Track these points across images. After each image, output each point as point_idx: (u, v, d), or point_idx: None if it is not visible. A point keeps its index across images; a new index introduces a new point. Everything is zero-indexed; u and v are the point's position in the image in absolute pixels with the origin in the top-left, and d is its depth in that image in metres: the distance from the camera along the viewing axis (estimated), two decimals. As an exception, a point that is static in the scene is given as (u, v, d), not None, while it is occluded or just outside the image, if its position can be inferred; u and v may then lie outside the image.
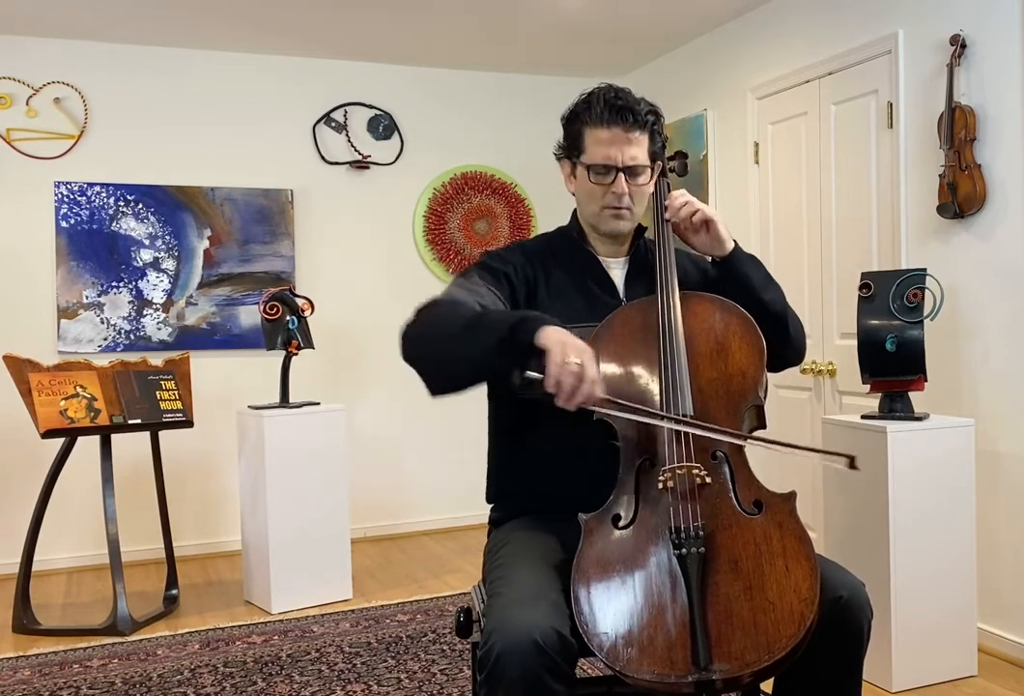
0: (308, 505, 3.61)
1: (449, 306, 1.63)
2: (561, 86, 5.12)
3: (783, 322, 1.78)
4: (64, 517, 4.22)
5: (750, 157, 4.12)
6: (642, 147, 1.74)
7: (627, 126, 1.71)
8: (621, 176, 1.73)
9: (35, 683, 2.91)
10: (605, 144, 1.72)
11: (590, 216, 1.82)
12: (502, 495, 1.87)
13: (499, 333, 1.48)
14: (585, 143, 1.75)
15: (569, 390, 1.40)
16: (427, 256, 4.91)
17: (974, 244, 3.04)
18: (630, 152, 1.72)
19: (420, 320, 1.63)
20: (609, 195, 1.75)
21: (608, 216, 1.78)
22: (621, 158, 1.72)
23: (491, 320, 1.53)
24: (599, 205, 1.78)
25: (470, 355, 1.52)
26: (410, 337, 1.63)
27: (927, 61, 3.18)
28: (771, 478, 3.94)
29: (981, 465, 2.96)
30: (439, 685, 2.82)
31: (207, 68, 4.52)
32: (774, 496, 1.53)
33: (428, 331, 1.61)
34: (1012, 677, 2.80)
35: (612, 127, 1.71)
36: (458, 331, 1.54)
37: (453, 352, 1.55)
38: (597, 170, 1.74)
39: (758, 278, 1.79)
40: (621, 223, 1.79)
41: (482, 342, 1.50)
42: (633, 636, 1.40)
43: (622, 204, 1.76)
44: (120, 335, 4.36)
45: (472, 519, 4.84)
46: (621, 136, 1.71)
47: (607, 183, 1.74)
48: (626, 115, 1.71)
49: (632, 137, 1.72)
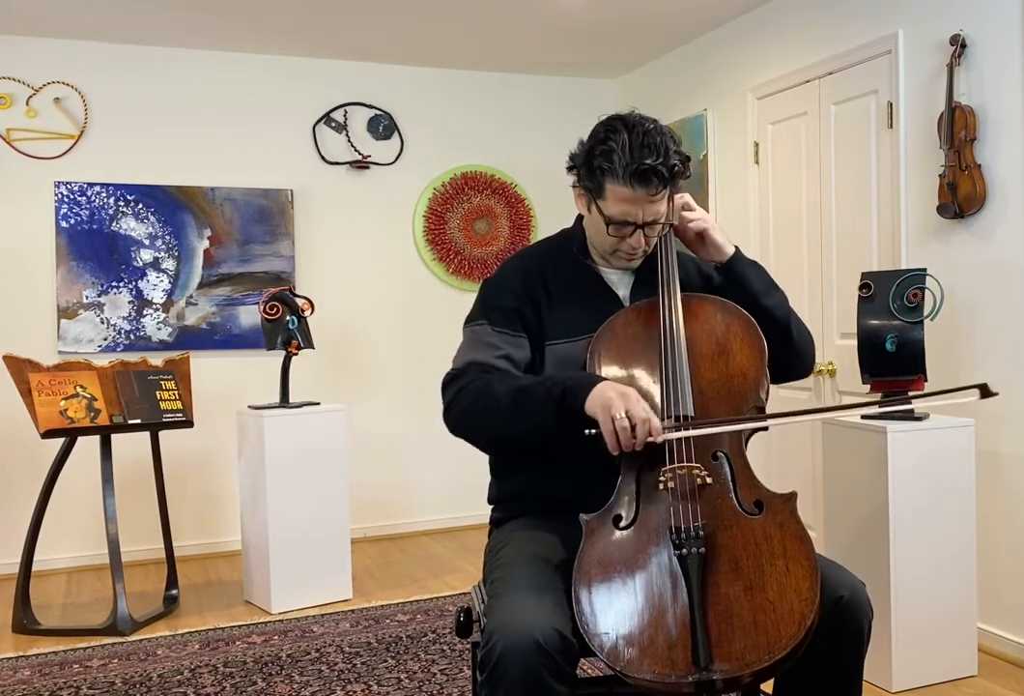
0: (308, 505, 3.61)
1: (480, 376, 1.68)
2: (561, 86, 5.13)
3: (785, 328, 1.77)
4: (64, 517, 4.22)
5: (750, 157, 4.12)
6: (664, 200, 1.67)
7: (652, 189, 1.63)
8: (639, 232, 1.70)
9: (35, 683, 2.91)
10: (627, 202, 1.65)
11: (600, 250, 1.80)
12: (504, 496, 1.86)
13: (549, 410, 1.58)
14: (605, 193, 1.67)
15: (627, 444, 1.51)
16: (427, 256, 4.91)
17: (974, 244, 3.04)
18: (651, 210, 1.66)
19: (460, 398, 1.68)
20: (624, 244, 1.73)
21: (620, 257, 1.78)
22: (642, 216, 1.67)
23: (536, 396, 1.60)
24: (612, 247, 1.76)
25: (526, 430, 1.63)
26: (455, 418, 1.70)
27: (927, 61, 3.18)
28: (771, 478, 3.93)
29: (981, 465, 2.96)
30: (439, 685, 2.82)
31: (207, 68, 4.52)
32: (775, 496, 1.53)
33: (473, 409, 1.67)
34: (1012, 677, 2.80)
35: (636, 189, 1.63)
36: (506, 412, 1.62)
37: (509, 430, 1.65)
38: (615, 223, 1.69)
39: (759, 284, 1.78)
40: (633, 262, 1.80)
41: (536, 418, 1.60)
42: (634, 636, 1.40)
43: (636, 253, 1.76)
44: (120, 335, 4.36)
45: (472, 519, 4.84)
46: (644, 198, 1.64)
47: (624, 235, 1.71)
48: (651, 179, 1.61)
49: (655, 199, 1.65)
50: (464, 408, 1.68)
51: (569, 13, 4.08)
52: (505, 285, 1.81)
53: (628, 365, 1.66)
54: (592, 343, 1.69)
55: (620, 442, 1.50)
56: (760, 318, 1.72)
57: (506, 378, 1.68)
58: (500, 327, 1.76)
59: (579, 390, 1.56)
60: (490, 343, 1.74)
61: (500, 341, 1.74)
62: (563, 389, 1.58)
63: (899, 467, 2.70)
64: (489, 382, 1.67)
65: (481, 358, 1.72)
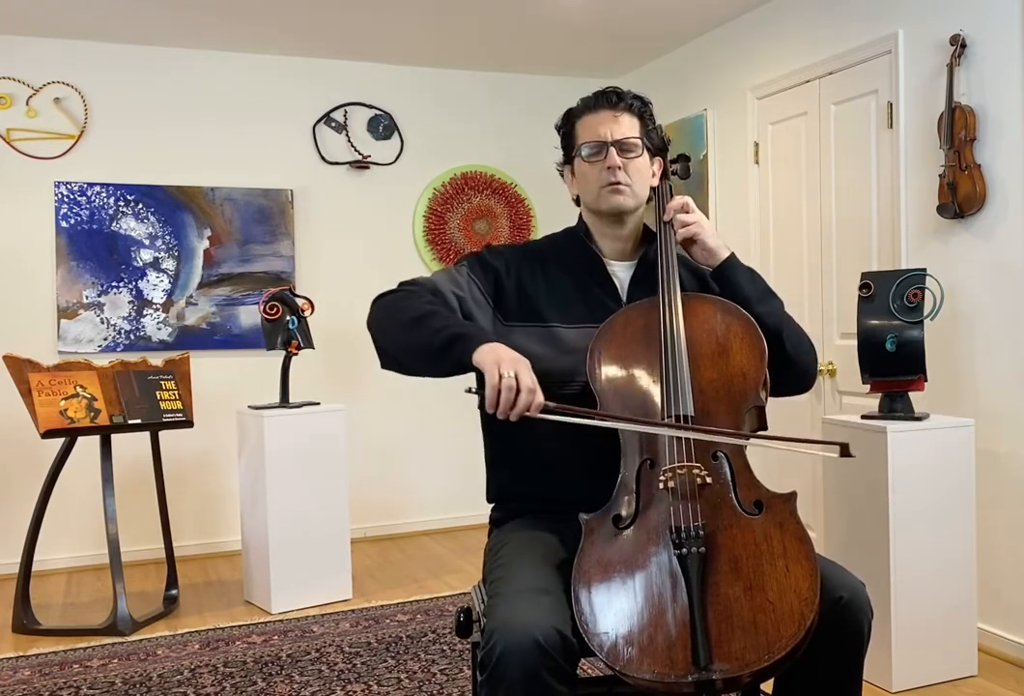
0: (308, 505, 3.61)
1: (419, 291, 1.70)
2: (561, 86, 5.13)
3: (778, 337, 1.72)
4: (64, 517, 4.22)
5: (750, 157, 4.12)
6: (632, 127, 1.78)
7: (613, 106, 1.78)
8: (612, 150, 1.76)
9: (35, 683, 2.91)
10: (594, 125, 1.78)
11: (591, 201, 1.82)
12: (503, 495, 1.87)
13: (436, 340, 1.56)
14: (578, 135, 1.81)
15: (506, 405, 1.47)
16: (427, 256, 4.91)
17: (974, 244, 3.04)
18: (619, 129, 1.77)
19: (393, 294, 1.71)
20: (604, 172, 1.76)
21: (607, 193, 1.78)
22: (610, 134, 1.77)
23: (434, 324, 1.58)
24: (597, 185, 1.78)
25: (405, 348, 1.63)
26: (375, 307, 1.72)
27: (927, 61, 3.18)
28: (771, 478, 3.93)
29: (981, 465, 2.96)
30: (439, 685, 2.82)
31: (207, 68, 4.52)
32: (774, 496, 1.53)
33: (390, 308, 1.69)
34: (1012, 677, 2.80)
35: (599, 110, 1.78)
36: (407, 321, 1.62)
37: (394, 339, 1.66)
38: (589, 149, 1.78)
39: (752, 290, 1.76)
40: (620, 198, 1.78)
41: (418, 342, 1.59)
42: (633, 636, 1.40)
43: (618, 179, 1.76)
44: (120, 335, 4.36)
45: (472, 519, 4.84)
46: (608, 116, 1.78)
47: (600, 159, 1.76)
48: (611, 97, 1.79)
49: (619, 116, 1.78)
50: (380, 306, 1.71)
51: (569, 13, 4.08)
52: (501, 254, 1.85)
53: (628, 364, 1.66)
54: (592, 342, 1.69)
55: (499, 402, 1.46)
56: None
57: (433, 301, 1.67)
58: (477, 279, 1.79)
59: (471, 341, 1.53)
60: (456, 280, 1.77)
61: (466, 285, 1.77)
62: (457, 334, 1.55)
63: (899, 467, 2.70)
64: (416, 294, 1.69)
65: (438, 282, 1.75)
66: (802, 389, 1.81)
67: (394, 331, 1.65)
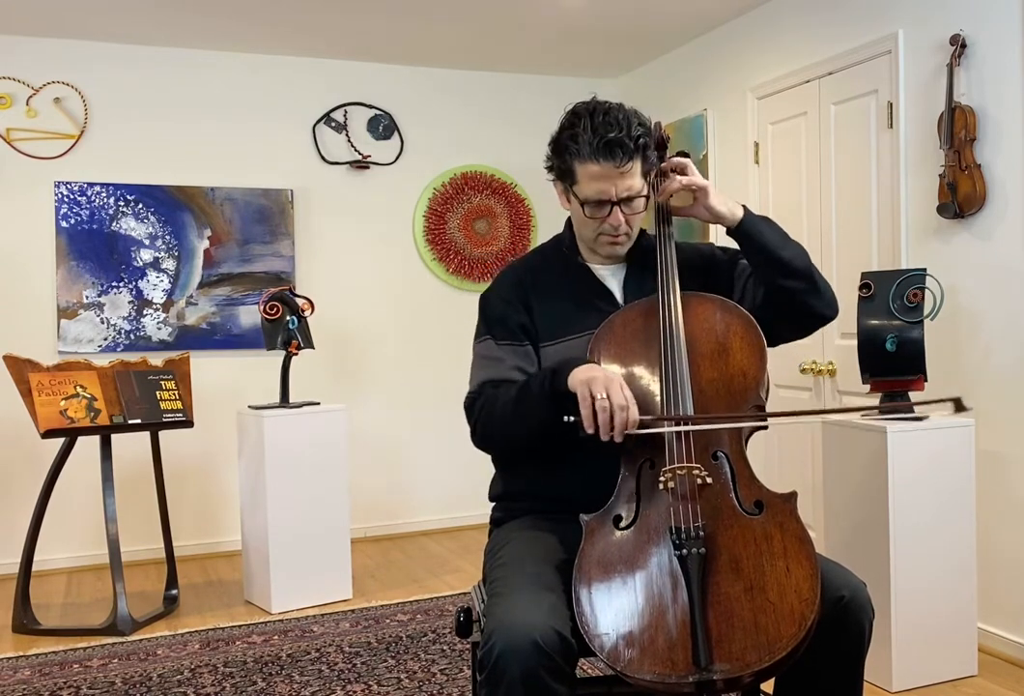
0: (308, 505, 3.61)
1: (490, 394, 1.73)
2: (561, 86, 5.13)
3: (810, 276, 1.76)
4: (64, 517, 4.22)
5: (750, 157, 4.12)
6: (635, 174, 1.69)
7: (618, 161, 1.66)
8: (616, 209, 1.71)
9: (35, 683, 2.91)
10: (598, 179, 1.68)
11: (587, 240, 1.82)
12: (504, 495, 1.87)
13: (544, 397, 1.60)
14: (577, 176, 1.71)
15: (604, 424, 1.50)
16: (427, 256, 4.91)
17: (974, 244, 3.04)
18: (624, 184, 1.68)
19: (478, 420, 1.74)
20: (605, 225, 1.74)
21: (605, 243, 1.79)
22: (615, 192, 1.69)
23: (533, 390, 1.64)
24: (595, 233, 1.78)
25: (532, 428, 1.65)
26: (480, 438, 1.76)
27: (927, 61, 3.18)
28: (771, 478, 3.92)
29: (981, 465, 2.96)
30: (439, 685, 2.82)
31: (207, 68, 4.52)
32: (775, 496, 1.53)
33: (490, 427, 1.73)
34: (1012, 677, 2.80)
35: (603, 163, 1.66)
36: (511, 414, 1.67)
37: (518, 435, 1.69)
38: (591, 205, 1.72)
39: (774, 238, 1.75)
40: (618, 248, 1.80)
41: (538, 411, 1.62)
42: (634, 636, 1.40)
43: (619, 233, 1.76)
44: (120, 335, 4.36)
45: (472, 519, 4.84)
46: (613, 171, 1.67)
47: (602, 216, 1.73)
48: (615, 151, 1.65)
49: (624, 170, 1.67)
50: (485, 426, 1.74)
51: (569, 13, 4.08)
52: (500, 297, 1.84)
53: (628, 364, 1.66)
54: (592, 342, 1.69)
55: (597, 423, 1.50)
56: (782, 271, 1.72)
57: (511, 386, 1.72)
58: (504, 340, 1.79)
59: (564, 369, 1.59)
60: (497, 358, 1.78)
61: (506, 354, 1.78)
62: (552, 372, 1.61)
63: (899, 467, 2.70)
64: (497, 394, 1.72)
65: (492, 375, 1.77)
66: (832, 317, 1.83)
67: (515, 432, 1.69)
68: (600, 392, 1.49)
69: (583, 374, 1.54)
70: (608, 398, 1.49)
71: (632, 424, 1.50)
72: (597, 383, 1.51)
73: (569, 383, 1.55)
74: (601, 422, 1.49)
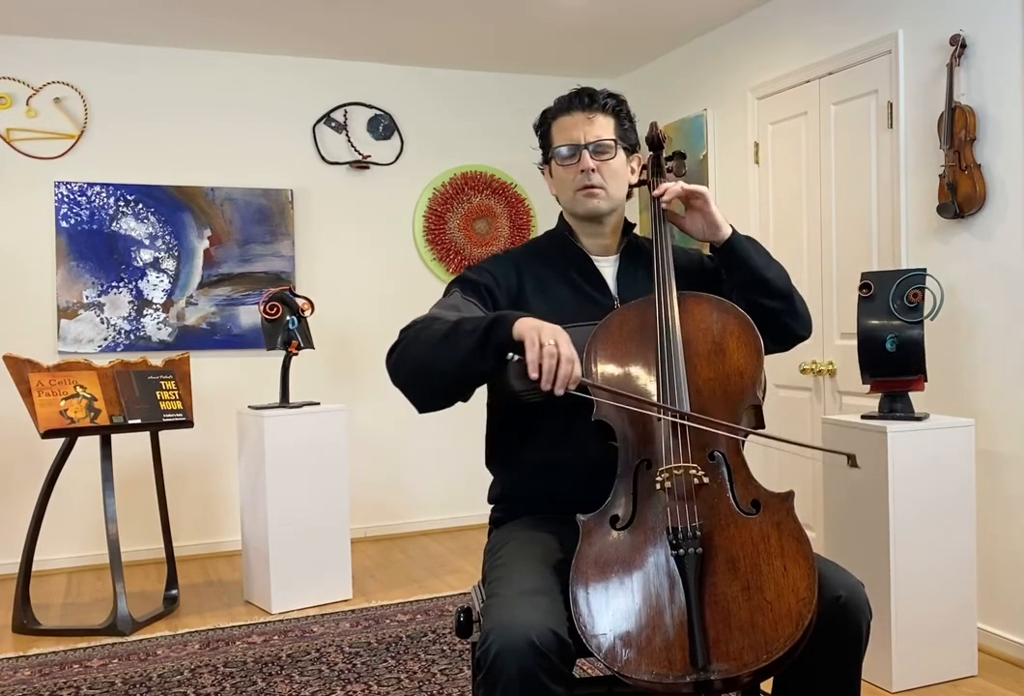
0: (308, 505, 3.61)
1: (427, 323, 1.66)
2: (561, 86, 5.06)
3: (790, 297, 1.81)
4: (64, 517, 4.22)
5: (750, 157, 4.11)
6: (606, 128, 1.79)
7: (586, 108, 1.78)
8: (586, 153, 1.76)
9: (35, 683, 2.91)
10: (568, 128, 1.79)
11: (568, 203, 1.84)
12: (504, 496, 1.87)
13: (476, 336, 1.54)
14: (553, 136, 1.82)
15: (549, 373, 1.46)
16: (427, 256, 4.91)
17: (974, 244, 3.04)
18: (593, 131, 1.77)
19: (401, 340, 1.67)
20: (578, 175, 1.78)
21: (582, 196, 1.79)
22: (583, 137, 1.77)
23: (465, 327, 1.57)
24: (572, 188, 1.80)
25: (450, 364, 1.57)
26: (393, 359, 1.67)
27: (927, 61, 3.17)
28: (769, 478, 3.92)
29: (981, 465, 2.96)
30: (439, 685, 2.82)
31: (207, 68, 4.52)
32: (772, 496, 1.53)
33: (409, 349, 1.64)
34: (1012, 677, 2.80)
35: (573, 112, 1.79)
36: (436, 343, 1.59)
37: (434, 365, 1.59)
38: (563, 153, 1.79)
39: (759, 258, 1.81)
40: (596, 201, 1.79)
41: (461, 348, 1.55)
42: (631, 637, 1.40)
43: (592, 181, 1.77)
44: (120, 335, 4.36)
45: (472, 519, 4.84)
46: (582, 118, 1.78)
47: (574, 163, 1.78)
48: (584, 98, 1.78)
49: (593, 118, 1.78)
50: (405, 348, 1.65)
51: (569, 13, 4.08)
52: (484, 270, 1.84)
53: (624, 364, 1.66)
54: (588, 342, 1.69)
55: (542, 369, 1.46)
56: (764, 291, 1.76)
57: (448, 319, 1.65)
58: (470, 297, 1.77)
59: (507, 318, 1.54)
60: (455, 305, 1.75)
61: (467, 307, 1.74)
62: (493, 318, 1.56)
63: (899, 467, 2.70)
64: (426, 325, 1.65)
65: (438, 313, 1.71)
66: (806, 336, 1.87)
67: (425, 361, 1.60)
68: (549, 340, 1.47)
69: (532, 322, 1.51)
70: (556, 347, 1.47)
71: (574, 380, 1.48)
72: (546, 332, 1.48)
73: (516, 328, 1.51)
74: (546, 368, 1.45)
